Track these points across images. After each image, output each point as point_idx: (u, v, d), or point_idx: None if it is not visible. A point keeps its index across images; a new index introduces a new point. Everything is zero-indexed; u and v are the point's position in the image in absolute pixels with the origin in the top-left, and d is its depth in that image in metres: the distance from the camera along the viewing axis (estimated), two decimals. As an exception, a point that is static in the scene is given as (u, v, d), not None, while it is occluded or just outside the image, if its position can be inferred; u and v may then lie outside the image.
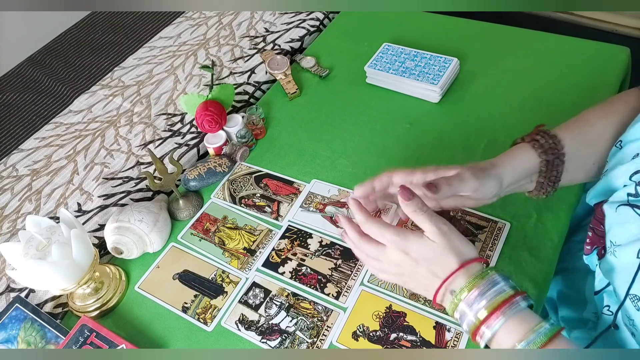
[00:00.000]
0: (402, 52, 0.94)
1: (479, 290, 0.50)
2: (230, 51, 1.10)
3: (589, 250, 0.60)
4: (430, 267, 0.53)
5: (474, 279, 0.51)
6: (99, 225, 0.83)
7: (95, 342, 0.66)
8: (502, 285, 0.51)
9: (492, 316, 0.49)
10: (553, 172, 0.61)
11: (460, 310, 0.52)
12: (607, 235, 0.53)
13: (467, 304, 0.51)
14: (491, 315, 0.49)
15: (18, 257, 0.66)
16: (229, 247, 0.77)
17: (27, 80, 1.20)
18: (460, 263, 0.52)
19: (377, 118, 0.90)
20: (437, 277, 0.53)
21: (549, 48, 0.95)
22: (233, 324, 0.68)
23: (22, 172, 0.96)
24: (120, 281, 0.75)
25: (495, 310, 0.49)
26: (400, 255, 0.55)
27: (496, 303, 0.49)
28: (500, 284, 0.51)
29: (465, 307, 0.51)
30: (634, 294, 0.49)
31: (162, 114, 1.00)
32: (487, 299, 0.50)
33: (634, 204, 0.50)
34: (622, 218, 0.51)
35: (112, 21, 1.30)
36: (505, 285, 0.51)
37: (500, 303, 0.49)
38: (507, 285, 0.51)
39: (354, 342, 0.64)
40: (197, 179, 0.83)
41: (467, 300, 0.51)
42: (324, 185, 0.81)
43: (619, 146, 0.56)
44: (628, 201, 0.51)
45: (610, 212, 0.52)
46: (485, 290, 0.50)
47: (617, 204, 0.52)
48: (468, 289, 0.51)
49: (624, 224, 0.50)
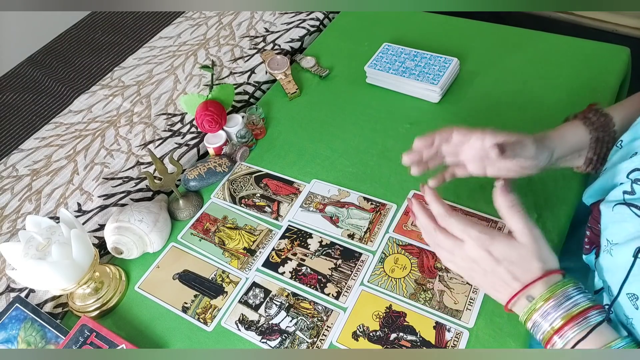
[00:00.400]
0: (402, 52, 0.94)
1: (556, 300, 0.50)
2: (230, 51, 1.10)
3: (588, 249, 0.60)
4: (511, 269, 0.53)
5: (553, 287, 0.51)
6: (99, 225, 0.83)
7: (95, 342, 0.66)
8: (579, 298, 0.50)
9: (565, 327, 0.49)
10: (603, 149, 0.62)
11: (534, 320, 0.51)
12: (603, 234, 0.53)
13: (542, 315, 0.51)
14: (564, 326, 0.49)
15: (18, 257, 0.66)
16: (229, 247, 0.77)
17: (27, 80, 1.20)
18: (545, 271, 0.52)
19: (377, 118, 0.90)
20: (517, 280, 0.52)
21: (549, 48, 0.95)
22: (233, 324, 0.68)
23: (22, 172, 0.96)
24: (120, 281, 0.75)
25: (569, 322, 0.49)
26: (481, 252, 0.53)
27: (571, 315, 0.49)
28: (576, 297, 0.50)
29: (540, 318, 0.51)
30: (632, 292, 0.49)
31: (162, 114, 1.00)
32: (564, 310, 0.50)
33: (630, 203, 0.50)
34: (618, 217, 0.51)
35: (112, 21, 1.30)
36: (581, 297, 0.51)
37: (575, 315, 0.49)
38: (583, 297, 0.51)
39: (354, 342, 0.64)
40: (197, 179, 0.83)
41: (543, 310, 0.51)
42: (324, 185, 0.81)
43: (619, 146, 0.56)
44: (624, 199, 0.51)
45: (606, 211, 0.53)
46: (563, 302, 0.50)
47: (613, 202, 0.52)
48: (544, 299, 0.51)
49: (621, 222, 0.50)
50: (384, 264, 0.70)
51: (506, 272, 0.53)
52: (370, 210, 0.77)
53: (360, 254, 0.72)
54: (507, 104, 0.87)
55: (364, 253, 0.72)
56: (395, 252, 0.71)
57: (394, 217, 0.75)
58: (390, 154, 0.84)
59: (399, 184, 0.79)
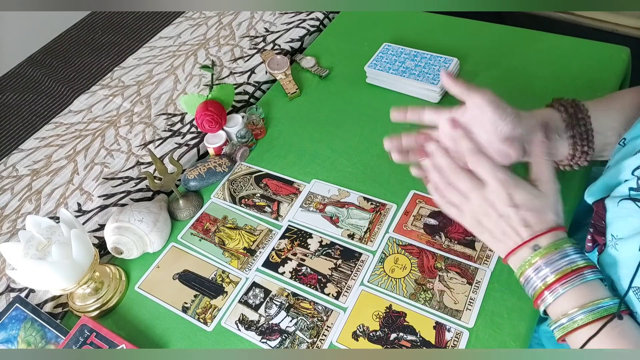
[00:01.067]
0: (402, 52, 0.94)
1: (552, 257, 0.52)
2: (230, 51, 1.10)
3: (590, 247, 0.60)
4: (526, 215, 0.54)
5: (558, 242, 0.53)
6: (99, 225, 0.83)
7: (95, 342, 0.66)
8: (574, 257, 0.52)
9: (557, 283, 0.51)
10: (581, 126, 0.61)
11: (526, 275, 0.53)
12: (608, 229, 0.53)
13: (537, 268, 0.52)
14: (556, 282, 0.51)
15: (18, 257, 0.66)
16: (229, 247, 0.77)
17: (27, 80, 1.20)
18: (558, 225, 0.54)
19: (377, 118, 0.90)
20: (530, 228, 0.53)
21: (549, 48, 0.95)
22: (233, 324, 0.68)
23: (22, 172, 0.96)
24: (120, 281, 0.75)
25: (561, 279, 0.51)
26: (503, 194, 0.54)
27: (564, 272, 0.51)
28: (572, 255, 0.52)
29: (533, 272, 0.53)
30: (637, 286, 0.49)
31: (162, 114, 1.00)
32: (557, 267, 0.52)
33: (636, 198, 0.50)
34: (624, 212, 0.51)
35: (112, 21, 1.30)
36: (578, 257, 0.52)
37: (567, 273, 0.51)
38: (579, 257, 0.52)
39: (354, 342, 0.64)
40: (197, 179, 0.83)
41: (543, 262, 0.52)
42: (324, 185, 0.81)
43: (622, 144, 0.56)
44: (630, 195, 0.51)
45: (611, 206, 0.53)
46: (558, 259, 0.52)
47: (618, 198, 0.52)
48: (552, 249, 0.52)
49: (626, 217, 0.51)
50: (384, 264, 0.70)
51: (521, 218, 0.54)
52: (370, 210, 0.77)
53: (360, 254, 0.72)
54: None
55: (364, 253, 0.72)
56: (395, 252, 0.71)
57: (394, 217, 0.75)
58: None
59: (399, 184, 0.79)
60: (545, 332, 0.67)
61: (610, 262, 0.53)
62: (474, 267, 0.67)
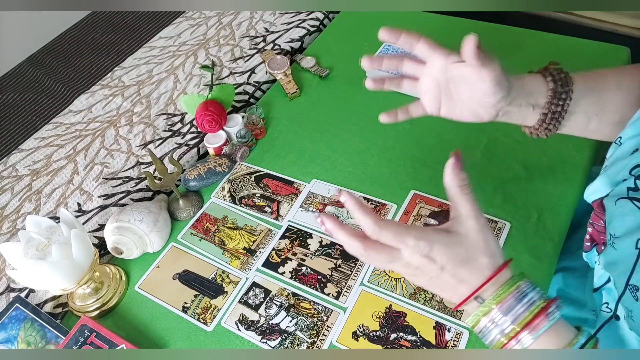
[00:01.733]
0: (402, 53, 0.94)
1: (506, 304, 0.46)
2: (230, 51, 1.10)
3: (589, 247, 0.60)
4: (457, 272, 0.47)
5: (503, 289, 0.46)
6: (99, 225, 0.83)
7: (95, 342, 0.66)
8: (532, 296, 0.46)
9: (523, 331, 0.45)
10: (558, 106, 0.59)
11: (481, 326, 0.47)
12: (607, 229, 0.53)
13: (492, 321, 0.46)
14: (522, 331, 0.45)
15: (18, 257, 0.66)
16: (229, 247, 0.77)
17: (27, 80, 1.20)
18: (494, 269, 0.47)
19: (377, 118, 0.90)
20: (464, 282, 0.47)
21: (549, 48, 0.95)
22: (233, 324, 0.68)
23: (22, 172, 0.96)
24: (120, 281, 0.75)
25: (526, 326, 0.45)
26: (421, 260, 0.47)
27: (528, 317, 0.45)
28: (530, 295, 0.46)
29: (490, 323, 0.47)
30: (633, 284, 0.49)
31: (162, 114, 1.00)
32: (517, 314, 0.45)
33: (634, 197, 0.50)
34: (621, 210, 0.51)
35: (112, 21, 1.30)
36: (535, 295, 0.46)
37: (532, 317, 0.45)
38: (537, 295, 0.47)
39: (354, 342, 0.64)
40: (197, 179, 0.83)
41: (492, 316, 0.46)
42: (324, 185, 0.81)
43: (619, 143, 0.56)
44: (628, 195, 0.51)
45: (609, 205, 0.53)
46: (515, 304, 0.46)
47: (616, 197, 0.52)
48: (495, 302, 0.46)
49: (623, 216, 0.50)
50: (384, 264, 0.70)
51: (451, 276, 0.47)
52: (370, 210, 0.77)
53: (360, 254, 0.72)
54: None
55: (364, 253, 0.72)
56: (395, 252, 0.71)
57: (394, 217, 0.75)
58: (390, 154, 0.84)
59: (399, 184, 0.79)
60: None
61: (610, 261, 0.53)
62: (474, 267, 0.67)
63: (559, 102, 0.59)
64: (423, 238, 0.47)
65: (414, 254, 0.47)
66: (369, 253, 0.48)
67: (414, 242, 0.47)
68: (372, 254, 0.48)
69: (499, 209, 0.73)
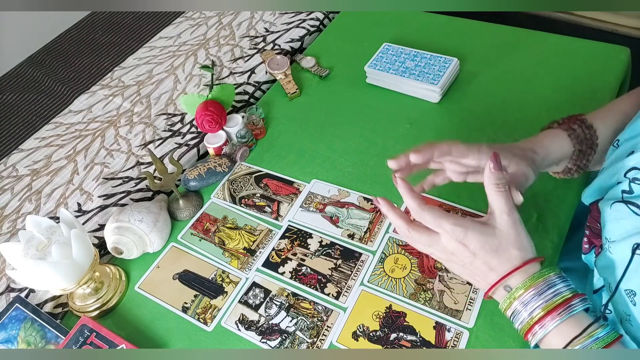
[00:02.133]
0: (402, 52, 0.94)
1: (536, 289, 0.49)
2: (230, 51, 1.10)
3: (587, 249, 0.60)
4: (488, 259, 0.51)
5: (531, 278, 0.50)
6: (99, 225, 0.83)
7: (95, 342, 0.66)
8: (560, 287, 0.49)
9: (547, 317, 0.48)
10: (583, 160, 0.62)
11: (514, 307, 0.50)
12: (603, 232, 0.53)
13: (522, 303, 0.50)
14: (547, 316, 0.48)
15: (18, 257, 0.66)
16: (229, 247, 0.77)
17: (27, 80, 1.20)
18: (523, 261, 0.51)
19: (377, 118, 0.90)
20: (494, 271, 0.51)
21: (549, 48, 0.95)
22: (233, 324, 0.68)
23: (22, 172, 0.96)
24: (120, 281, 0.75)
25: (551, 312, 0.48)
26: (456, 245, 0.52)
27: (553, 304, 0.48)
28: (558, 286, 0.49)
29: (520, 305, 0.50)
30: (630, 289, 0.49)
31: (162, 114, 1.00)
32: (544, 299, 0.49)
33: (628, 201, 0.50)
34: (616, 215, 0.51)
35: (112, 21, 1.30)
36: (563, 287, 0.50)
37: (557, 305, 0.48)
38: (565, 287, 0.50)
39: (354, 342, 0.64)
40: (197, 179, 0.83)
41: (523, 300, 0.50)
42: (324, 185, 0.81)
43: (616, 145, 0.56)
44: (622, 198, 0.51)
45: (605, 209, 0.53)
46: (543, 291, 0.49)
47: (611, 201, 0.52)
48: (525, 287, 0.50)
49: (619, 220, 0.50)
50: (384, 264, 0.70)
51: (483, 263, 0.52)
52: (370, 210, 0.77)
53: (360, 254, 0.72)
54: (507, 104, 0.87)
55: (364, 253, 0.72)
56: (395, 252, 0.71)
57: (394, 217, 0.75)
58: (390, 154, 0.83)
59: (399, 184, 0.79)
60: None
61: (606, 264, 0.53)
62: (474, 267, 0.67)
63: (583, 158, 0.62)
64: (459, 225, 0.51)
65: (450, 239, 0.52)
66: (412, 234, 0.55)
67: (450, 227, 0.51)
68: (415, 235, 0.54)
69: (499, 209, 0.73)
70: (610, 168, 0.55)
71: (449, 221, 0.52)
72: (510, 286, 0.51)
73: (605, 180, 0.55)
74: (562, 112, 0.80)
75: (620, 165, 0.53)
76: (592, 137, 0.61)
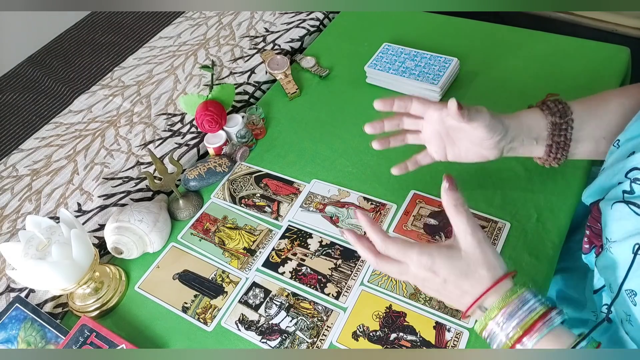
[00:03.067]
0: (402, 52, 0.94)
1: (509, 309, 0.49)
2: (230, 51, 1.10)
3: (587, 249, 0.60)
4: (459, 283, 0.51)
5: (503, 298, 0.49)
6: (99, 225, 0.83)
7: (95, 342, 0.66)
8: (533, 303, 0.49)
9: (525, 336, 0.48)
10: (561, 136, 0.61)
11: (489, 329, 0.50)
12: (604, 233, 0.53)
13: (498, 324, 0.49)
14: (524, 335, 0.48)
15: (18, 257, 0.66)
16: (229, 247, 0.77)
17: (27, 80, 1.20)
18: (493, 280, 0.50)
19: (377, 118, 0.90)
20: (467, 293, 0.51)
21: (549, 48, 0.95)
22: (233, 324, 0.68)
23: (22, 172, 0.96)
24: (120, 281, 0.75)
25: (528, 330, 0.47)
26: (426, 273, 0.52)
27: (529, 323, 0.48)
28: (531, 302, 0.49)
29: (496, 326, 0.49)
30: (630, 289, 0.49)
31: (162, 114, 1.00)
32: (519, 318, 0.48)
33: (629, 201, 0.50)
34: (617, 215, 0.51)
35: (112, 21, 1.30)
36: (536, 302, 0.49)
37: (533, 322, 0.48)
38: (538, 302, 0.49)
39: (354, 342, 0.64)
40: (197, 179, 0.83)
41: (497, 321, 0.49)
42: (324, 185, 0.81)
43: (617, 145, 0.56)
44: (623, 198, 0.51)
45: (606, 209, 0.53)
46: (517, 310, 0.48)
47: (612, 201, 0.52)
48: (498, 308, 0.49)
49: (619, 220, 0.50)
50: (384, 264, 0.70)
51: (455, 288, 0.52)
52: (370, 210, 0.77)
53: (360, 254, 0.72)
54: (507, 104, 0.86)
55: (364, 253, 0.72)
56: (395, 252, 0.71)
57: (394, 217, 0.75)
58: (390, 154, 0.83)
59: (399, 184, 0.79)
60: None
61: (606, 264, 0.53)
62: (474, 267, 0.67)
63: (560, 132, 0.61)
64: (425, 253, 0.52)
65: (419, 267, 0.52)
66: (381, 266, 0.54)
67: (416, 257, 0.52)
68: (385, 267, 0.54)
69: (499, 209, 0.73)
70: (611, 168, 0.55)
71: (414, 251, 0.52)
72: (486, 307, 0.51)
73: (605, 181, 0.55)
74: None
75: (621, 165, 0.53)
76: (565, 110, 0.60)
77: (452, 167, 0.79)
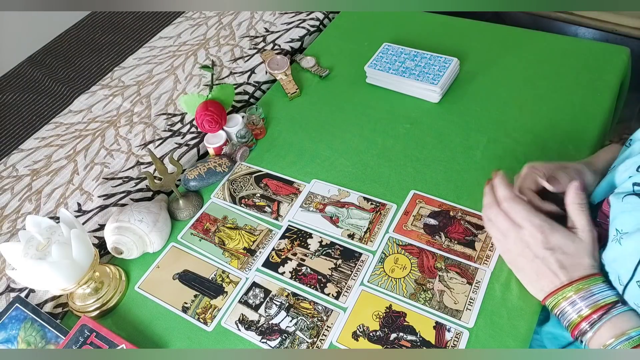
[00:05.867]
0: (402, 52, 0.94)
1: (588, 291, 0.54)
2: (230, 51, 1.10)
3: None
4: (562, 258, 0.55)
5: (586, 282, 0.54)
6: (99, 225, 0.83)
7: (95, 342, 0.66)
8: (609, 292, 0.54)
9: (593, 314, 0.52)
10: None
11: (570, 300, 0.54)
12: (612, 224, 0.54)
13: (572, 303, 0.54)
14: (592, 314, 0.52)
15: (18, 257, 0.66)
16: (229, 247, 0.77)
17: (27, 80, 1.20)
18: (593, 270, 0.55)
19: (377, 118, 0.90)
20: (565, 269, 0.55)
21: (549, 48, 0.95)
22: (233, 324, 0.68)
23: (22, 172, 0.96)
24: (120, 281, 0.75)
25: (596, 311, 0.52)
26: (539, 236, 0.55)
27: (597, 307, 0.53)
28: (608, 291, 0.54)
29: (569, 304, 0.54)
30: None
31: (162, 114, 1.00)
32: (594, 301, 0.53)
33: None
34: (629, 206, 0.52)
35: (112, 21, 1.30)
36: (612, 292, 0.54)
37: (597, 308, 0.53)
38: (612, 293, 0.54)
39: (354, 342, 0.64)
40: (197, 179, 0.83)
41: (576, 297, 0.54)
42: (324, 185, 0.81)
43: (628, 144, 0.57)
44: (634, 190, 0.51)
45: (616, 202, 0.53)
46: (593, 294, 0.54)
47: (623, 194, 0.53)
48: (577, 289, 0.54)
49: (632, 212, 0.51)
50: (384, 264, 0.70)
51: (556, 260, 0.55)
52: (370, 210, 0.77)
53: (360, 254, 0.72)
54: (507, 104, 0.87)
55: (364, 253, 0.72)
56: (395, 252, 0.71)
57: (394, 217, 0.75)
58: (390, 154, 0.84)
59: (399, 184, 0.79)
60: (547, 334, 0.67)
61: (615, 256, 0.54)
62: (474, 267, 0.67)
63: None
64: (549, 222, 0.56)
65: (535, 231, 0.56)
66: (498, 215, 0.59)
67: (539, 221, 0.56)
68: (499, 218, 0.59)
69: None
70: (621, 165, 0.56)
71: (540, 216, 0.56)
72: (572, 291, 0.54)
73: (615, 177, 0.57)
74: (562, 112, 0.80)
75: (633, 161, 0.54)
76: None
77: (453, 168, 0.79)
